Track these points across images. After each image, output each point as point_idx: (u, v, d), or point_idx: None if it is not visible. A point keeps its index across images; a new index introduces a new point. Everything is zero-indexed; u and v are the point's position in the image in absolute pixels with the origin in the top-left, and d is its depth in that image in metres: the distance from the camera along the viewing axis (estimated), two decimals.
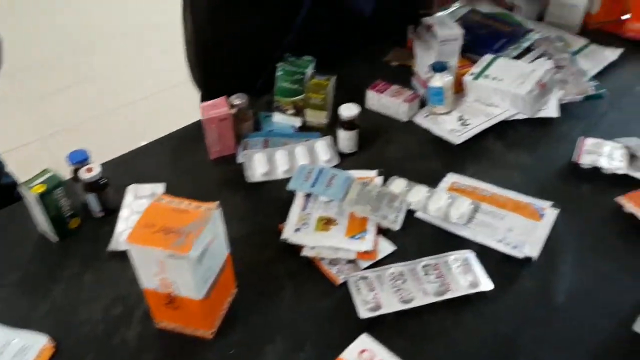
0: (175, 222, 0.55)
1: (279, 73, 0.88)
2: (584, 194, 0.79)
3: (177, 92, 1.12)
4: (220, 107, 0.85)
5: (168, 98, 2.09)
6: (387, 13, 1.08)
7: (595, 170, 0.81)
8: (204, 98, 1.00)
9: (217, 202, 0.57)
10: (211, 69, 1.01)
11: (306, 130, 0.92)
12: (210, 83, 1.01)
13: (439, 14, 1.13)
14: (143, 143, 0.92)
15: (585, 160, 0.81)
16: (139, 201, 0.79)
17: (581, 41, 1.08)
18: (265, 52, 0.96)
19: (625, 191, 0.76)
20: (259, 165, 0.84)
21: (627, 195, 0.75)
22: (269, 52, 0.95)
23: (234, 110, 0.86)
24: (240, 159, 0.86)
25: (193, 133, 0.90)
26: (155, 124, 1.29)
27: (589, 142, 0.83)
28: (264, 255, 0.72)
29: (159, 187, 0.82)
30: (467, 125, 0.89)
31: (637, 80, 1.00)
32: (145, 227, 0.55)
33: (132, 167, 0.87)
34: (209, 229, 0.55)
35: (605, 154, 0.81)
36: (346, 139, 0.86)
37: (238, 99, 0.87)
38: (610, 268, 0.69)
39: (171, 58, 1.39)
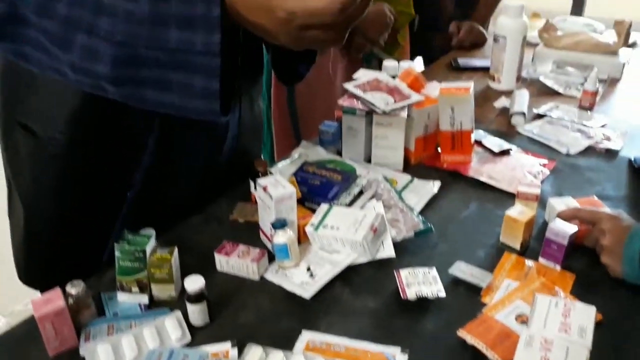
0: None
1: (117, 254, 0.85)
2: (429, 330, 0.84)
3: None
4: (54, 300, 0.79)
5: None
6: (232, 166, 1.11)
7: (438, 302, 0.86)
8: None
9: None
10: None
11: (155, 306, 0.88)
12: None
13: (280, 164, 1.20)
14: None
15: (411, 294, 0.86)
16: None
17: (406, 177, 1.19)
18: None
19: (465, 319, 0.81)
20: (104, 357, 0.78)
21: (466, 328, 0.81)
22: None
23: (70, 301, 0.80)
24: (82, 352, 0.80)
25: (28, 329, 0.82)
26: None
27: (403, 273, 0.89)
28: None
29: None
30: (315, 276, 0.91)
31: (457, 208, 1.11)
32: None
33: None
34: None
35: (421, 282, 0.87)
36: (195, 312, 0.83)
37: (74, 288, 0.81)
38: None
39: None
